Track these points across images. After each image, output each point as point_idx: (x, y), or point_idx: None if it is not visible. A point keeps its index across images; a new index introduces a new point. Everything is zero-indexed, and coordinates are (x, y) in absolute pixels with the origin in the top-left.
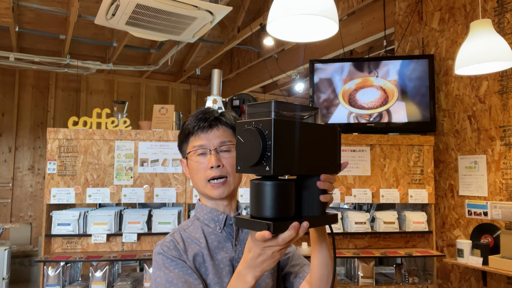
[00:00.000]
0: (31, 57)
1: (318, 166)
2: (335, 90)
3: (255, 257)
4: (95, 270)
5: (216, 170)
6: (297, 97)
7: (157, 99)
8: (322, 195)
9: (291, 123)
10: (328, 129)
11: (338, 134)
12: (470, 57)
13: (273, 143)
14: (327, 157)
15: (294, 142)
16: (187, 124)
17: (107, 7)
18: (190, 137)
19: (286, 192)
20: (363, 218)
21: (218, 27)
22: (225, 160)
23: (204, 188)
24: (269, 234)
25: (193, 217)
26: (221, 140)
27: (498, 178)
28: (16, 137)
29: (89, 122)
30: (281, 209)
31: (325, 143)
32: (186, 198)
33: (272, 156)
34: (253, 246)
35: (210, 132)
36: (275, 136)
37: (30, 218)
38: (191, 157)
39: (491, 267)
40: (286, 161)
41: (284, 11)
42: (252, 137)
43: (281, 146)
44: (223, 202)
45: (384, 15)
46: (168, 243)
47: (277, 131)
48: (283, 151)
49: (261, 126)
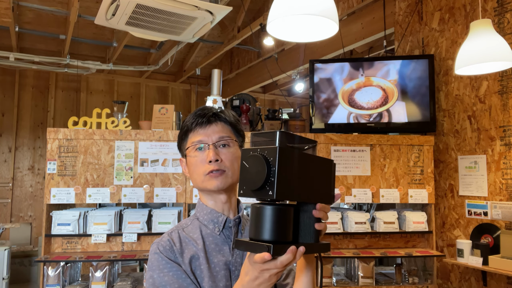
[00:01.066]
0: (31, 57)
1: (315, 195)
2: (335, 90)
3: (252, 280)
4: (95, 270)
5: (215, 164)
6: (297, 97)
7: (157, 99)
8: (317, 223)
9: (293, 152)
10: (325, 162)
11: (332, 167)
12: (470, 57)
13: (277, 169)
14: (323, 187)
15: (295, 170)
16: (186, 122)
17: (107, 7)
18: (188, 134)
19: (285, 217)
20: (363, 218)
21: (218, 27)
22: (224, 155)
23: (203, 182)
24: (268, 256)
25: (193, 216)
26: (220, 135)
27: (498, 178)
28: (16, 137)
29: (89, 122)
30: (280, 233)
31: (321, 174)
32: (186, 198)
33: (275, 181)
34: (250, 269)
35: (209, 127)
36: (279, 163)
37: (30, 218)
38: (189, 153)
39: (491, 267)
40: (288, 187)
41: (284, 11)
42: (257, 162)
43: (284, 172)
44: (221, 198)
45: (384, 15)
46: (165, 243)
47: (281, 158)
48: (285, 178)
49: (267, 153)
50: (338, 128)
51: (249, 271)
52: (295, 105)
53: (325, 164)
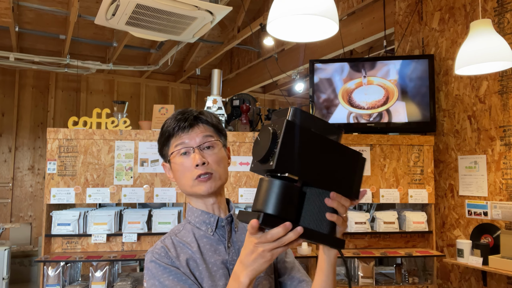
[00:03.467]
0: (31, 57)
1: (330, 183)
2: (335, 90)
3: (248, 254)
4: (95, 270)
5: (202, 168)
6: (297, 97)
7: (157, 99)
8: (329, 213)
9: (305, 130)
10: (350, 153)
11: (360, 160)
12: (470, 57)
13: (281, 141)
14: (342, 178)
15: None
16: (167, 127)
17: (107, 7)
18: (171, 139)
19: (286, 192)
20: (363, 218)
21: (218, 27)
22: (209, 158)
23: (192, 187)
24: (256, 222)
25: (184, 221)
26: (204, 136)
27: (498, 178)
28: (16, 137)
29: (89, 122)
30: (278, 207)
31: (343, 164)
32: (186, 198)
33: (277, 153)
34: (246, 243)
35: (191, 131)
36: (284, 136)
37: (30, 218)
38: (174, 158)
39: (491, 267)
40: (292, 162)
41: (284, 11)
42: (266, 135)
43: (289, 146)
44: (210, 200)
45: (384, 15)
46: (159, 250)
47: (287, 131)
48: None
49: (277, 126)
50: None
51: (246, 245)
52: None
53: (351, 155)
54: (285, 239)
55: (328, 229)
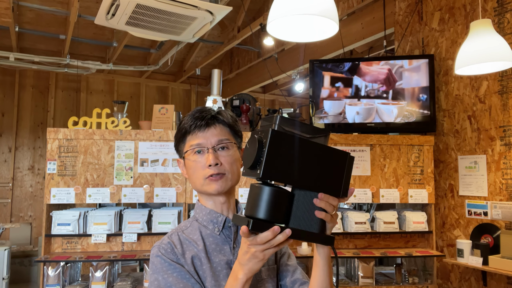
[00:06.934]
0: (31, 57)
1: (318, 185)
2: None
3: (243, 254)
4: (95, 270)
5: (214, 168)
6: (297, 97)
7: (157, 99)
8: (317, 211)
9: (290, 137)
10: (337, 154)
11: (348, 160)
12: (470, 57)
13: (267, 150)
14: (331, 179)
15: (291, 154)
16: (184, 123)
17: (107, 7)
18: (187, 136)
19: (274, 198)
20: (363, 218)
21: (218, 27)
22: (223, 158)
23: (202, 186)
24: (245, 229)
25: (192, 218)
26: (219, 138)
27: (498, 178)
28: (16, 137)
29: (89, 122)
30: (266, 212)
31: (331, 165)
32: (186, 198)
33: (263, 161)
34: (242, 243)
35: (208, 130)
36: (270, 145)
37: (30, 218)
38: (188, 156)
39: (491, 267)
40: (278, 170)
41: (284, 11)
42: (253, 143)
43: (274, 154)
44: (220, 199)
45: (384, 15)
46: (166, 246)
47: (273, 141)
48: (277, 160)
49: (263, 135)
50: (338, 128)
51: (242, 246)
52: (295, 105)
53: (338, 155)
54: (275, 241)
55: (318, 228)
